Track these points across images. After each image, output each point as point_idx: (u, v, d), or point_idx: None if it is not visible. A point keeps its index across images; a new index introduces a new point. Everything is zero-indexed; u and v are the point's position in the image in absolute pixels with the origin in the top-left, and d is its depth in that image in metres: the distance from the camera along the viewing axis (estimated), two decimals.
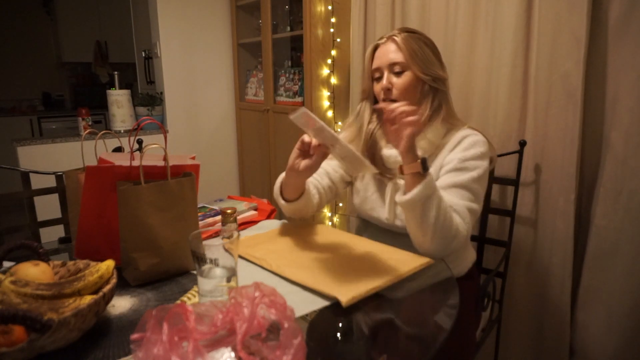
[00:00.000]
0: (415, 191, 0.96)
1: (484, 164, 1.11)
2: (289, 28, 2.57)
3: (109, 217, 0.93)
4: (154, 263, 0.91)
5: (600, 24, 1.33)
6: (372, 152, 1.22)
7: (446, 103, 1.18)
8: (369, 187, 1.27)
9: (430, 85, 1.16)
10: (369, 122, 1.25)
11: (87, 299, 0.71)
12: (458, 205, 1.05)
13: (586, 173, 1.45)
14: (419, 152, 0.99)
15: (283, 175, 1.15)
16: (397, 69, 1.16)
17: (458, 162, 1.10)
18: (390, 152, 1.19)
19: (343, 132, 1.34)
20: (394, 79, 1.16)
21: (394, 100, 1.16)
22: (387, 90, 1.17)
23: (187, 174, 0.98)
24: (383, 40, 1.20)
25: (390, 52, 1.17)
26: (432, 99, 1.17)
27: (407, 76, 1.15)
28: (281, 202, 1.18)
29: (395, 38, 1.17)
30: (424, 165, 0.96)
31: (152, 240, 0.91)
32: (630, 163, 1.29)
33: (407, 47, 1.15)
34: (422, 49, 1.15)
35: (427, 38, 1.20)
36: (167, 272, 0.95)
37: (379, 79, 1.20)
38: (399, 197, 1.00)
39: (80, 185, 1.00)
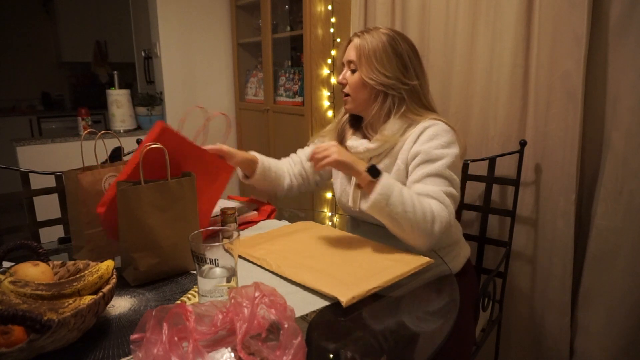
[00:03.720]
0: (373, 195, 1.01)
1: (451, 152, 1.10)
2: (288, 28, 2.57)
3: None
4: (154, 263, 0.91)
5: (600, 23, 1.33)
6: (340, 141, 1.28)
7: (402, 105, 1.17)
8: (338, 177, 1.33)
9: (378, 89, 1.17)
10: (343, 115, 1.31)
11: (87, 299, 0.71)
12: (434, 192, 1.06)
13: (587, 173, 1.44)
14: (360, 167, 1.05)
15: None
16: (352, 66, 1.19)
17: (424, 154, 1.10)
18: (352, 143, 1.23)
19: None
20: (349, 75, 1.20)
21: (347, 95, 1.21)
22: (341, 84, 1.22)
23: (186, 174, 0.98)
24: (354, 37, 1.22)
25: (350, 49, 1.20)
26: (382, 101, 1.18)
27: (357, 75, 1.18)
28: (244, 180, 1.39)
29: (357, 37, 1.19)
30: (372, 172, 1.02)
31: (152, 240, 0.91)
32: (630, 163, 1.29)
33: (360, 48, 1.17)
34: (376, 53, 1.14)
35: (396, 40, 1.16)
36: (167, 272, 0.95)
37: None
38: (363, 205, 1.05)
39: (79, 185, 0.99)
